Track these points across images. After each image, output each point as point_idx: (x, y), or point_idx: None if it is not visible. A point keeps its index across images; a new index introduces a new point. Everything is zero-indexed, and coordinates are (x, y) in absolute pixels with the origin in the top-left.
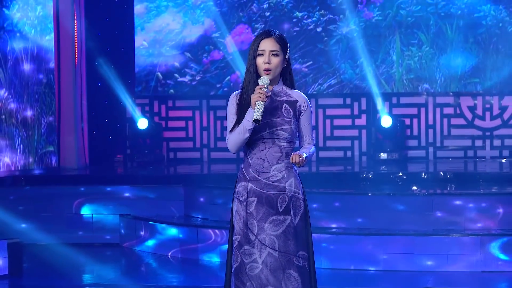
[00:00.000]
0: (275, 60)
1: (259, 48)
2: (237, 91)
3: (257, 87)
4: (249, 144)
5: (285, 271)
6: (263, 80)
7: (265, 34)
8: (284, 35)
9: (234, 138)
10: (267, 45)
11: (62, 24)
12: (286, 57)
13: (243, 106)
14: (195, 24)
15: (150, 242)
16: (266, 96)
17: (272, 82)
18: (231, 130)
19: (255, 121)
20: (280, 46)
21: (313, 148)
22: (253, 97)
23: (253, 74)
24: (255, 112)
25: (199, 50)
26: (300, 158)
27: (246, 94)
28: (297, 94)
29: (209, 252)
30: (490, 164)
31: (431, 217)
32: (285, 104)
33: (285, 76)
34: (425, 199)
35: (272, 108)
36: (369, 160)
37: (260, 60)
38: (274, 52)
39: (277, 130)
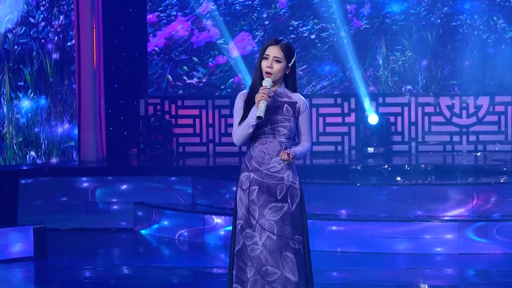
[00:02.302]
0: (277, 66)
1: (265, 53)
2: (243, 91)
3: (261, 88)
4: (252, 138)
5: (282, 253)
6: (267, 82)
7: (274, 42)
8: (291, 45)
9: (239, 132)
10: (272, 51)
11: (82, 32)
12: (290, 64)
13: (249, 102)
14: (201, 32)
15: (161, 227)
16: (269, 96)
17: (276, 84)
18: (238, 125)
19: (258, 117)
20: (284, 54)
21: (308, 146)
22: (257, 96)
23: (259, 75)
24: (258, 109)
25: (205, 55)
26: (287, 156)
27: (252, 92)
28: (297, 97)
29: (213, 236)
30: (466, 157)
31: (413, 205)
32: (286, 104)
33: (288, 80)
34: (408, 189)
35: (274, 107)
36: (358, 154)
37: (264, 64)
38: (277, 59)
39: (278, 127)
